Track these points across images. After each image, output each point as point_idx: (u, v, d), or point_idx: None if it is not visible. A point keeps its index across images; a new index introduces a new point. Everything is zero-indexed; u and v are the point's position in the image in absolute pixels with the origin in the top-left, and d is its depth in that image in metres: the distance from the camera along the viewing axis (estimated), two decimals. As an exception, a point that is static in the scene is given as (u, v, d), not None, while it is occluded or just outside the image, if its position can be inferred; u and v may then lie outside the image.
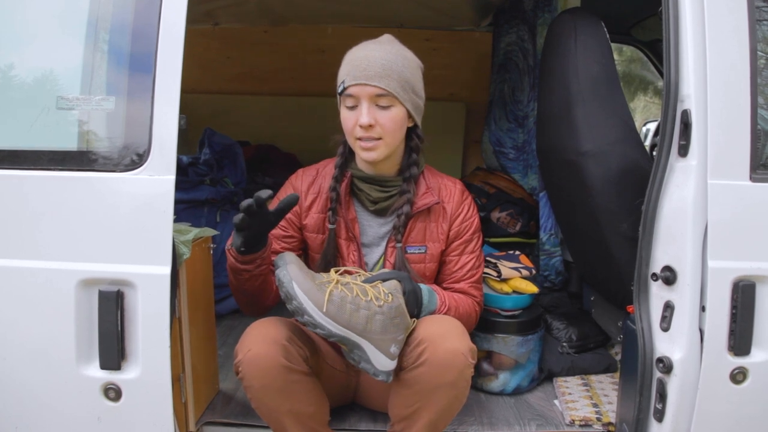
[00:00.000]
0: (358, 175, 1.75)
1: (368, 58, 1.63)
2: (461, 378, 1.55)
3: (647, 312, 1.60)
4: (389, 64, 1.63)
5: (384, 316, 1.52)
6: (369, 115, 1.62)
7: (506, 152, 3.25)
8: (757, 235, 1.54)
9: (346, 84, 1.64)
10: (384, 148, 1.67)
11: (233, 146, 3.07)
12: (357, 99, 1.64)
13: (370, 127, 1.63)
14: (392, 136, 1.67)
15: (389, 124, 1.64)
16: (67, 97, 1.53)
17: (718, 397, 1.55)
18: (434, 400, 1.56)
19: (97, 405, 1.51)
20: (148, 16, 1.48)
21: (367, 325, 1.51)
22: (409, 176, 1.75)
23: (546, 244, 2.78)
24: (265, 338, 1.55)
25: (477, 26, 3.73)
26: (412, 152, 1.76)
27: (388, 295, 1.54)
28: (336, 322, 1.48)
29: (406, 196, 1.73)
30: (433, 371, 1.53)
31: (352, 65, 1.64)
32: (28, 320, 1.51)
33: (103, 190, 1.49)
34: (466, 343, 1.56)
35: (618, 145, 1.96)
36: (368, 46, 1.68)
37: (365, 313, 1.50)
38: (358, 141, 1.66)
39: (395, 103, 1.64)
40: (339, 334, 1.49)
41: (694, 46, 1.51)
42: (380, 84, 1.61)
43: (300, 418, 1.60)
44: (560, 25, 2.14)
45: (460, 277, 1.80)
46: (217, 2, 3.28)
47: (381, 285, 1.57)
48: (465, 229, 1.80)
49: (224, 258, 2.78)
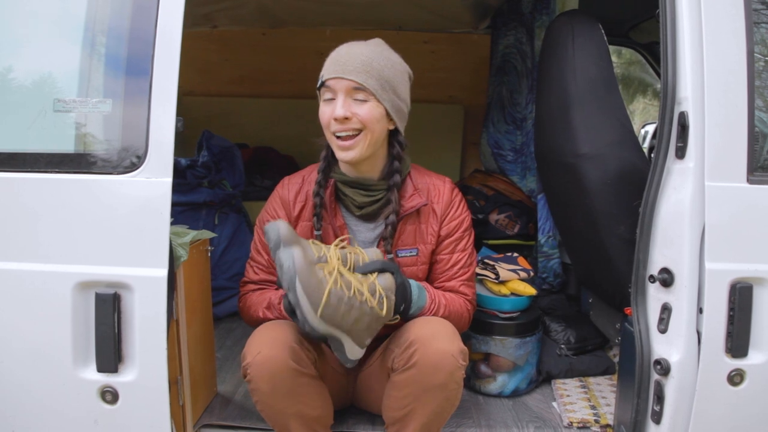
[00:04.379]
0: (342, 179, 1.74)
1: (349, 54, 1.64)
2: (451, 380, 1.54)
3: (645, 314, 1.60)
4: (369, 60, 1.62)
5: (371, 317, 1.53)
6: (344, 107, 1.61)
7: (504, 154, 3.26)
8: (755, 237, 1.54)
9: (325, 77, 1.64)
10: (362, 146, 1.64)
11: (231, 149, 3.07)
12: (334, 92, 1.63)
13: (345, 119, 1.61)
14: (371, 128, 1.63)
15: (366, 115, 1.62)
16: (64, 100, 1.53)
17: (715, 399, 1.55)
18: (425, 402, 1.56)
19: (94, 408, 1.51)
20: (144, 19, 1.49)
21: (354, 324, 1.51)
22: (392, 185, 1.73)
23: (544, 246, 2.78)
24: (274, 341, 1.54)
25: (475, 29, 3.73)
26: (394, 160, 1.73)
27: (383, 298, 1.54)
28: (326, 322, 1.48)
29: (391, 205, 1.72)
30: (423, 373, 1.53)
31: (333, 60, 1.65)
32: (25, 323, 1.51)
33: (100, 192, 1.49)
34: (456, 345, 1.56)
35: (615, 148, 1.96)
36: (353, 44, 1.68)
37: (356, 313, 1.51)
38: (337, 139, 1.64)
39: (372, 99, 1.63)
40: (326, 332, 1.50)
41: (691, 48, 1.51)
42: (357, 78, 1.60)
43: (306, 420, 1.60)
44: (558, 28, 2.14)
45: (452, 275, 1.78)
46: (215, 5, 3.29)
47: (377, 281, 1.55)
48: (455, 227, 1.78)
49: (222, 261, 2.81)
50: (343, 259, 1.56)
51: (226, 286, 2.75)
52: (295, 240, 1.50)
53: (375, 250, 1.64)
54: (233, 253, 2.86)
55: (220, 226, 2.85)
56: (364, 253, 1.60)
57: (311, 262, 1.48)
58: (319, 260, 1.52)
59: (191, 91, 3.71)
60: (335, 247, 1.58)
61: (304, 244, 1.52)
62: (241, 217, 3.01)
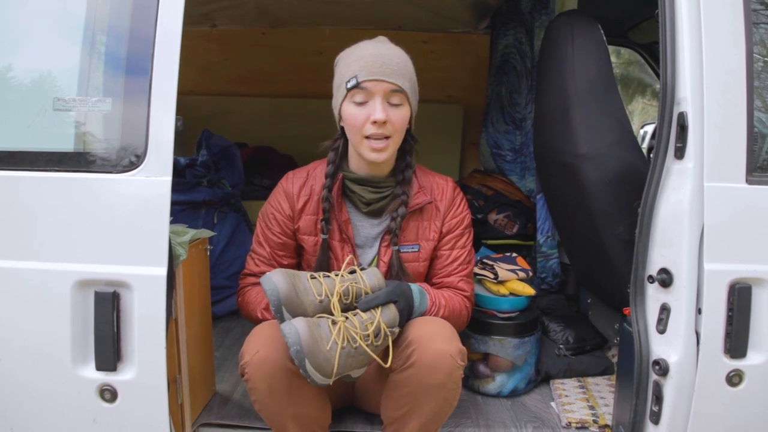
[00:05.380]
0: (351, 177, 1.74)
1: (383, 56, 1.63)
2: (450, 380, 1.55)
3: (643, 314, 1.60)
4: (403, 63, 1.65)
5: (376, 353, 1.54)
6: (383, 111, 1.61)
7: (504, 154, 3.26)
8: (753, 237, 1.54)
9: (360, 78, 1.61)
10: (392, 148, 1.66)
11: (231, 148, 3.07)
12: (370, 94, 1.62)
13: (384, 123, 1.62)
14: (400, 134, 1.67)
15: (399, 122, 1.64)
16: (64, 99, 1.53)
17: (714, 400, 1.55)
18: (424, 402, 1.56)
19: (93, 406, 1.51)
20: (144, 18, 1.49)
21: (359, 362, 1.54)
22: (403, 179, 1.75)
23: (543, 246, 2.78)
24: (273, 340, 1.54)
25: (475, 29, 3.73)
26: (406, 154, 1.76)
27: (387, 338, 1.54)
28: (335, 376, 1.49)
29: (401, 198, 1.73)
30: (421, 373, 1.54)
31: (367, 61, 1.63)
32: (24, 321, 1.51)
33: (99, 191, 1.49)
34: (455, 345, 1.56)
35: (614, 148, 1.96)
36: (377, 45, 1.67)
37: (362, 357, 1.52)
38: (367, 140, 1.64)
39: (405, 102, 1.65)
40: (336, 379, 1.51)
41: (690, 48, 1.51)
42: (397, 81, 1.62)
43: (303, 421, 1.60)
44: (557, 28, 2.15)
45: (451, 271, 1.80)
46: (215, 4, 3.29)
47: (381, 319, 1.54)
48: (456, 224, 1.80)
49: (221, 260, 2.81)
50: (345, 293, 1.56)
51: (225, 285, 2.75)
52: (294, 294, 1.51)
53: (374, 271, 1.63)
54: (232, 252, 2.86)
55: (219, 225, 2.84)
56: (365, 279, 1.59)
57: (316, 331, 1.47)
58: (321, 304, 1.53)
59: (191, 91, 3.71)
60: (336, 277, 1.58)
61: (302, 290, 1.53)
62: (240, 217, 3.01)
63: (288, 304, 1.50)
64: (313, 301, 1.53)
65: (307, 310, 1.52)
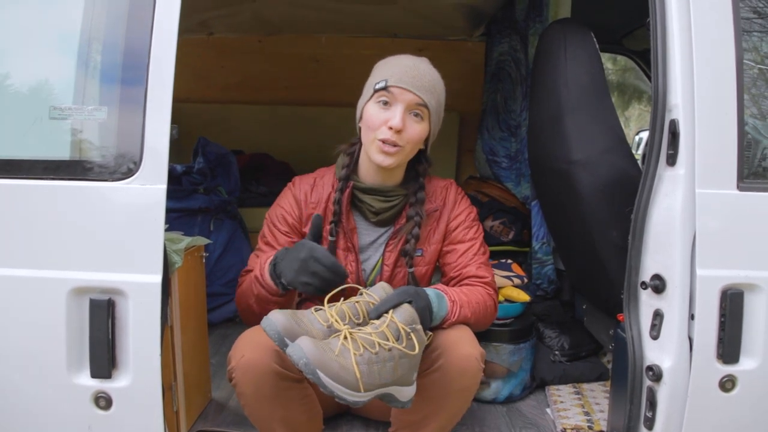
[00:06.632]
0: (360, 186, 1.74)
1: (419, 69, 1.66)
2: (474, 383, 1.58)
3: (637, 320, 1.61)
4: (435, 83, 1.69)
5: (409, 358, 1.44)
6: (402, 119, 1.63)
7: (499, 161, 3.27)
8: (745, 243, 1.55)
9: (390, 83, 1.63)
10: (400, 157, 1.67)
11: (227, 155, 3.08)
12: (395, 99, 1.64)
13: (399, 132, 1.63)
14: (412, 147, 1.68)
15: (415, 135, 1.66)
16: (60, 107, 1.53)
17: (707, 405, 1.55)
18: (446, 405, 1.58)
19: (88, 413, 1.51)
20: (140, 26, 1.49)
21: (395, 373, 1.43)
22: (416, 201, 1.75)
23: (538, 253, 2.78)
24: (258, 344, 1.53)
25: (470, 36, 3.75)
26: (419, 176, 1.77)
27: (410, 334, 1.45)
28: (370, 390, 1.39)
29: (415, 220, 1.74)
30: (448, 377, 1.55)
31: (401, 69, 1.65)
32: (19, 328, 1.51)
33: (94, 199, 1.49)
34: (478, 349, 1.59)
35: (607, 154, 1.97)
36: (415, 59, 1.70)
37: (391, 364, 1.42)
38: (379, 142, 1.64)
39: (426, 119, 1.67)
40: (374, 396, 1.42)
41: (681, 56, 1.52)
42: (423, 96, 1.64)
43: (293, 425, 1.60)
44: (550, 36, 2.16)
45: (467, 261, 1.78)
46: (211, 12, 3.30)
47: (395, 318, 1.46)
48: (463, 218, 1.81)
49: (217, 267, 2.81)
50: (353, 312, 1.51)
51: (221, 293, 2.75)
52: (295, 324, 1.45)
53: (381, 285, 1.59)
54: (228, 260, 2.86)
55: (216, 232, 2.85)
56: (371, 295, 1.55)
57: (323, 344, 1.39)
58: (330, 330, 1.47)
59: (188, 98, 3.72)
60: (342, 304, 1.52)
61: (306, 322, 1.47)
62: (237, 224, 3.01)
63: (288, 333, 1.43)
64: (320, 328, 1.47)
65: (316, 337, 1.44)
